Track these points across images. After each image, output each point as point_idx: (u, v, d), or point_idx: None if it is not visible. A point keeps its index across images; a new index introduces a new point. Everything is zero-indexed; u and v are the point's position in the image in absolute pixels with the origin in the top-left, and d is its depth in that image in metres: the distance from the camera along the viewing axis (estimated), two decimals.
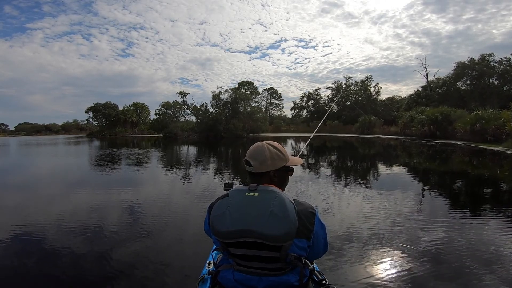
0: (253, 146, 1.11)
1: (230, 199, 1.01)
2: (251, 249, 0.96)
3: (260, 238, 0.92)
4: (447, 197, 5.43)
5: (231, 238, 0.96)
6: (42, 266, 2.69)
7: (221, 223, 0.98)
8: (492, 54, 29.99)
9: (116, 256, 2.86)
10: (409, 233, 3.37)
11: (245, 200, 0.99)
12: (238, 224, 0.95)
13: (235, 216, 0.96)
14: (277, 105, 58.46)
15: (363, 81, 45.18)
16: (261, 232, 0.92)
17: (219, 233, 0.98)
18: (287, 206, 0.95)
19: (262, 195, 0.99)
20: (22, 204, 5.19)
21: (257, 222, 0.93)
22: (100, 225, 3.81)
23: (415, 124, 24.24)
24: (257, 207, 0.96)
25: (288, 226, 0.92)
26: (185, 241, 3.27)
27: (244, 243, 0.95)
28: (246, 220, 0.94)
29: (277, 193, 0.99)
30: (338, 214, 4.22)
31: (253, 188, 1.01)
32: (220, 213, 0.99)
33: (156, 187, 6.65)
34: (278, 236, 0.91)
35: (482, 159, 11.32)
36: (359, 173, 8.50)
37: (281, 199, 0.96)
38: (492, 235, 3.34)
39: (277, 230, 0.91)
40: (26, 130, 72.81)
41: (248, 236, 0.94)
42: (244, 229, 0.94)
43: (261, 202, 0.97)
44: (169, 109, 41.68)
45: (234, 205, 0.99)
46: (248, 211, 0.96)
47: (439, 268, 2.53)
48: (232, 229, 0.95)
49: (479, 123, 17.02)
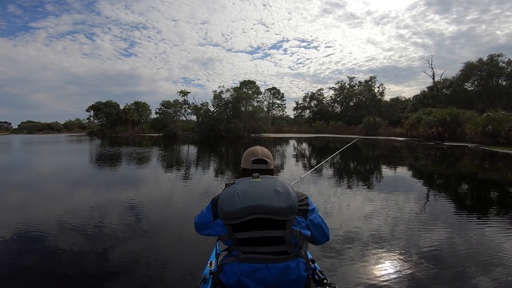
0: (257, 149, 1.32)
1: (237, 185, 1.13)
2: (257, 230, 1.04)
3: (267, 212, 1.02)
4: (464, 201, 5.28)
5: (240, 216, 1.03)
6: (42, 264, 2.69)
7: (231, 204, 1.06)
8: (500, 55, 29.27)
9: (117, 255, 2.85)
10: (411, 235, 3.35)
11: (251, 184, 1.12)
12: (247, 201, 1.04)
13: (243, 196, 1.06)
14: (279, 105, 57.74)
15: (367, 82, 44.42)
16: (269, 206, 1.02)
17: (229, 213, 1.05)
18: (287, 186, 1.12)
19: (265, 180, 1.14)
20: (22, 202, 5.15)
21: (264, 198, 1.04)
22: (100, 224, 3.79)
23: (422, 126, 23.39)
24: (262, 188, 1.09)
25: (292, 201, 1.05)
26: (186, 240, 3.21)
27: (251, 223, 1.04)
28: (254, 197, 1.05)
29: (276, 178, 1.18)
30: (340, 215, 4.22)
31: (256, 176, 1.17)
32: (229, 196, 1.08)
33: (155, 186, 6.56)
34: (284, 208, 1.03)
35: (500, 162, 10.73)
36: (373, 178, 7.88)
37: (280, 181, 1.14)
38: (495, 239, 3.26)
39: (283, 203, 1.04)
40: (28, 128, 72.80)
41: (256, 212, 1.03)
42: (253, 205, 1.03)
43: (265, 184, 1.11)
44: (169, 108, 41.23)
45: (241, 189, 1.09)
46: (255, 190, 1.08)
47: (439, 270, 2.51)
48: (241, 206, 1.03)
49: (491, 125, 16.29)
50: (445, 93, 32.21)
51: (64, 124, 72.36)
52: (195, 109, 37.75)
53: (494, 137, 16.06)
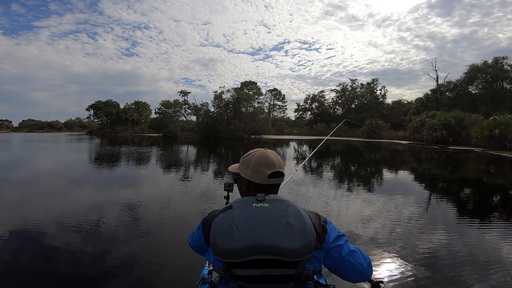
0: (272, 157, 0.96)
1: (235, 211, 0.85)
2: (260, 268, 0.81)
3: (276, 254, 0.78)
4: (480, 207, 5.15)
5: (240, 256, 0.79)
6: (40, 263, 2.68)
7: (227, 240, 0.81)
8: (506, 57, 28.78)
9: (115, 255, 2.83)
10: (412, 239, 3.32)
11: (254, 211, 0.84)
12: (249, 239, 0.79)
13: (244, 230, 0.80)
14: (280, 107, 57.30)
15: (369, 84, 43.99)
16: (277, 247, 0.78)
17: (225, 252, 0.81)
18: (303, 215, 0.84)
19: (273, 205, 0.86)
20: (20, 201, 5.12)
21: (272, 235, 0.79)
22: (98, 223, 3.75)
23: (425, 129, 22.89)
24: (270, 219, 0.82)
25: (308, 238, 0.81)
26: (184, 240, 2.66)
27: (253, 262, 0.80)
28: (258, 234, 0.79)
29: (288, 202, 0.87)
30: (341, 217, 4.24)
31: (261, 199, 0.88)
32: (224, 228, 0.82)
33: (153, 186, 6.54)
34: (298, 250, 0.79)
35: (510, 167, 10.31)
36: (376, 182, 7.46)
37: (294, 208, 0.85)
38: (495, 243, 3.23)
39: (297, 243, 0.79)
40: (29, 126, 72.67)
41: (261, 253, 0.79)
42: (256, 244, 0.79)
43: (273, 213, 0.83)
44: (169, 108, 40.88)
45: (241, 218, 0.83)
46: (260, 223, 0.81)
47: (440, 272, 2.50)
48: (241, 245, 0.79)
49: (498, 129, 15.82)
50: (448, 96, 31.72)
51: (64, 123, 72.19)
52: (195, 109, 37.40)
53: (501, 141, 15.58)
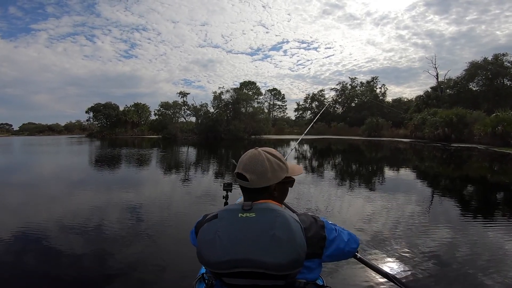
0: (246, 155, 0.90)
1: (219, 222, 0.81)
2: (249, 279, 0.77)
3: (260, 267, 0.74)
4: (487, 205, 5.05)
5: (224, 268, 0.76)
6: (41, 265, 2.71)
7: (210, 252, 0.77)
8: (505, 54, 28.59)
9: (115, 255, 2.86)
10: (415, 236, 3.32)
11: (239, 222, 0.79)
12: (231, 253, 0.75)
13: (227, 243, 0.76)
14: (280, 107, 57.17)
15: (368, 82, 43.83)
16: (261, 261, 0.73)
17: (209, 263, 0.78)
18: (292, 226, 0.76)
19: (260, 215, 0.79)
20: (23, 204, 5.15)
21: (256, 249, 0.74)
22: (99, 225, 3.78)
23: (427, 127, 22.69)
24: (255, 231, 0.76)
25: (296, 252, 0.74)
26: (183, 241, 3.11)
27: (240, 273, 0.77)
28: (241, 247, 0.75)
29: (278, 211, 0.79)
30: (343, 215, 4.26)
31: (247, 207, 0.81)
32: (208, 239, 0.79)
33: (153, 188, 6.56)
34: (283, 265, 0.73)
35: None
36: (379, 181, 7.30)
37: (283, 218, 0.77)
38: (499, 241, 3.21)
39: (282, 257, 0.73)
40: (29, 130, 72.51)
41: (244, 267, 0.75)
42: (239, 258, 0.74)
43: (259, 224, 0.77)
44: (168, 110, 40.73)
45: (225, 229, 0.79)
46: (243, 236, 0.76)
47: (441, 272, 2.47)
48: (224, 259, 0.75)
49: (501, 126, 15.65)
50: (449, 94, 31.54)
51: (64, 126, 72.06)
52: (194, 110, 37.25)
53: (504, 138, 15.42)
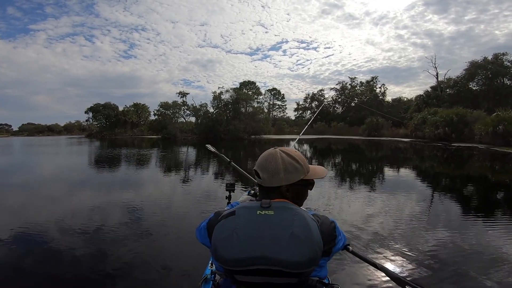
0: (264, 154, 0.94)
1: (237, 219, 0.81)
2: (262, 276, 0.77)
3: (278, 265, 0.74)
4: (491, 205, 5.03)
5: (240, 266, 0.76)
6: (41, 266, 2.70)
7: (227, 249, 0.77)
8: (505, 53, 28.54)
9: (117, 256, 2.84)
10: (416, 235, 3.32)
11: (257, 219, 0.80)
12: (250, 250, 0.75)
13: (245, 240, 0.77)
14: (280, 106, 57.02)
15: (368, 82, 43.79)
16: (279, 259, 0.74)
17: (225, 260, 0.78)
18: (310, 225, 0.78)
19: (278, 213, 0.81)
20: (23, 205, 5.16)
21: (274, 247, 0.75)
22: (100, 225, 3.76)
23: (427, 126, 22.64)
24: (273, 229, 0.77)
25: (314, 250, 0.76)
26: (187, 241, 3.14)
27: (255, 270, 0.77)
28: (259, 245, 0.75)
29: (296, 210, 0.82)
30: (343, 215, 4.24)
31: (266, 205, 0.82)
32: (226, 236, 0.79)
33: (154, 188, 6.56)
34: (300, 262, 0.74)
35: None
36: (379, 180, 7.23)
37: (302, 217, 0.79)
38: (499, 240, 3.20)
39: (300, 256, 0.74)
40: (28, 130, 72.38)
41: (261, 264, 0.75)
42: (257, 256, 0.75)
43: (277, 222, 0.78)
44: (168, 110, 40.63)
45: (243, 226, 0.79)
46: (262, 233, 0.77)
47: (445, 269, 2.49)
48: (241, 256, 0.76)
49: (501, 125, 15.60)
50: (449, 93, 31.50)
51: (64, 126, 71.90)
52: (194, 110, 37.16)
53: (505, 137, 15.38)
